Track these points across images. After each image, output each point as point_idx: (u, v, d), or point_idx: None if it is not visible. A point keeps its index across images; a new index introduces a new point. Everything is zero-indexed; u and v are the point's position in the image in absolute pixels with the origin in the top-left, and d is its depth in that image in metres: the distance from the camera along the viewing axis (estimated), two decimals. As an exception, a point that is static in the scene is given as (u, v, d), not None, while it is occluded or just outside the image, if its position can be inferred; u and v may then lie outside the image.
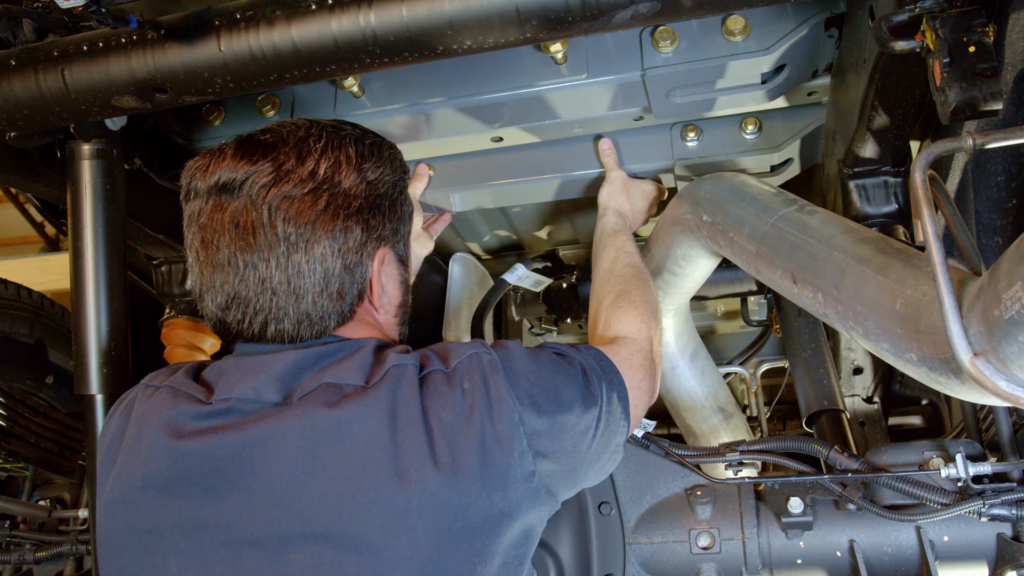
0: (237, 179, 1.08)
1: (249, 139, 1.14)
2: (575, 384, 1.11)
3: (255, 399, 1.04)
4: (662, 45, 1.55)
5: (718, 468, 1.61)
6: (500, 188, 1.91)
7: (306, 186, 1.08)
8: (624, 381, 1.22)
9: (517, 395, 1.03)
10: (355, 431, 0.99)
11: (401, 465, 0.97)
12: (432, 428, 0.99)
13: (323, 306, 1.09)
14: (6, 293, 2.13)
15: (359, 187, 1.12)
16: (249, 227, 1.07)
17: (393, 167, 1.19)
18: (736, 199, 1.53)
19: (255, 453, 1.00)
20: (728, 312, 2.73)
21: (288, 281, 1.07)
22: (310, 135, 1.13)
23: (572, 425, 1.08)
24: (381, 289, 1.16)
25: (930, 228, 0.95)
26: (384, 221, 1.15)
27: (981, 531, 1.40)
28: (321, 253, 1.08)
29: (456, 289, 2.29)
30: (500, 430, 1.00)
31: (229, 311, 1.10)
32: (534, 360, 1.10)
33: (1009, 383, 0.91)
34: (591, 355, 1.21)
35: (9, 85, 1.40)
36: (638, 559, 1.49)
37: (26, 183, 1.81)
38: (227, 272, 1.08)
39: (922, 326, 1.04)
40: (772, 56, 1.51)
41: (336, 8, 1.27)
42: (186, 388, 1.10)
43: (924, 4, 1.06)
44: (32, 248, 5.26)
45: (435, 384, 1.03)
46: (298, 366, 1.06)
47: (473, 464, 0.98)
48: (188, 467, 1.02)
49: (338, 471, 0.98)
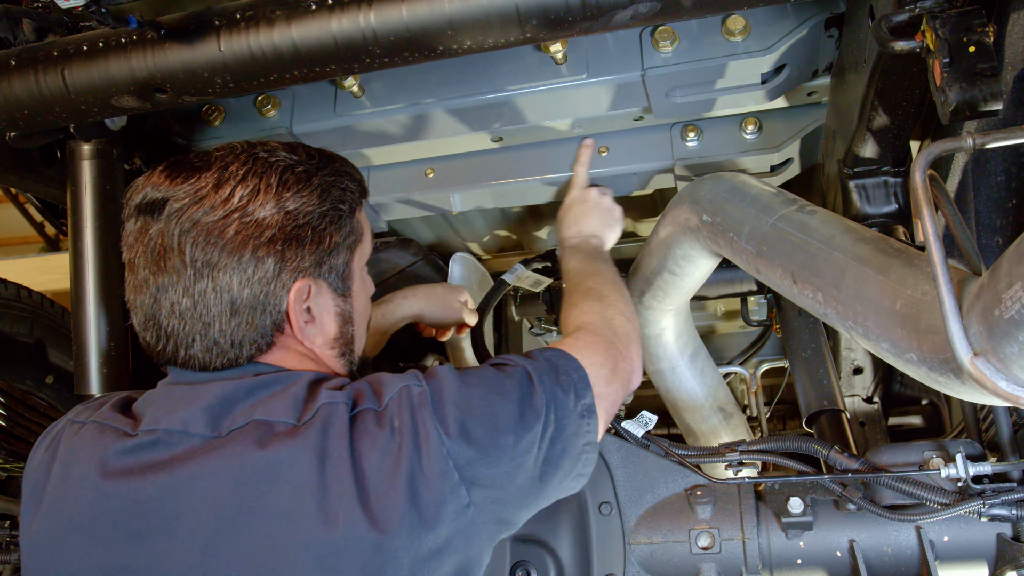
0: (157, 200, 1.07)
1: (180, 160, 1.12)
2: (512, 400, 1.07)
3: (182, 431, 1.03)
4: (662, 45, 1.55)
5: (718, 468, 1.61)
6: (500, 188, 1.91)
7: (217, 212, 1.05)
8: (584, 370, 1.17)
9: (445, 428, 1.00)
10: (284, 473, 0.97)
11: (329, 508, 0.95)
12: (361, 470, 0.97)
13: (232, 334, 1.07)
14: (6, 293, 2.13)
15: (275, 217, 1.07)
16: (161, 251, 1.06)
17: (324, 196, 1.13)
18: (736, 199, 1.53)
19: (181, 495, 0.98)
20: (728, 312, 2.73)
21: (195, 307, 1.06)
22: (236, 160, 1.10)
23: (511, 446, 1.04)
24: (306, 321, 1.12)
25: (930, 228, 0.95)
26: (303, 252, 1.09)
27: (981, 531, 1.40)
28: (227, 281, 1.05)
29: (456, 289, 2.28)
30: (428, 468, 0.98)
31: (147, 331, 1.10)
32: (465, 384, 1.07)
33: (1009, 383, 0.91)
34: (544, 355, 1.18)
35: (9, 85, 1.40)
36: (638, 559, 1.49)
37: (26, 183, 1.81)
38: (144, 293, 1.08)
39: (922, 326, 1.04)
40: (772, 56, 1.51)
41: (336, 8, 1.27)
42: (112, 422, 1.08)
43: (924, 4, 1.06)
44: (32, 248, 5.26)
45: (365, 424, 1.01)
46: (229, 398, 1.05)
47: (402, 506, 0.96)
48: (113, 509, 1.00)
49: (267, 515, 0.96)
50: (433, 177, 1.92)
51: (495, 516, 1.05)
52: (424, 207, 1.99)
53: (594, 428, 1.16)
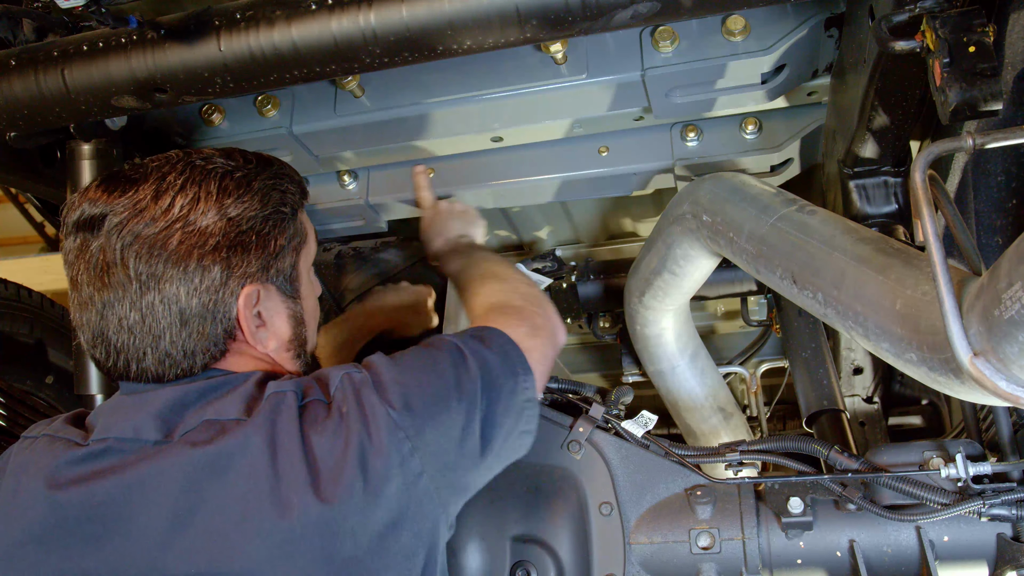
0: (96, 216, 1.06)
1: (115, 174, 1.11)
2: (447, 370, 1.10)
3: (134, 438, 1.02)
4: (662, 45, 1.55)
5: (718, 468, 1.61)
6: (500, 188, 1.91)
7: (158, 223, 1.05)
8: (505, 333, 1.20)
9: (389, 403, 1.02)
10: (235, 464, 0.97)
11: (282, 494, 0.96)
12: (312, 455, 0.98)
13: (183, 345, 1.07)
14: (6, 293, 2.13)
15: (217, 224, 1.07)
16: (104, 266, 1.05)
17: (265, 200, 1.13)
18: (736, 199, 1.53)
19: (133, 495, 0.98)
20: (728, 312, 2.73)
21: (143, 320, 1.05)
22: (173, 170, 1.10)
23: (454, 411, 1.07)
24: (257, 326, 1.12)
25: (930, 228, 0.95)
26: (249, 258, 1.10)
27: (981, 531, 1.40)
28: (174, 292, 1.05)
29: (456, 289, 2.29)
30: (377, 441, 0.99)
31: (96, 348, 1.09)
32: (400, 365, 1.10)
33: (1009, 383, 0.91)
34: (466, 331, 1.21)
35: (9, 85, 1.40)
36: (638, 559, 1.49)
37: (26, 183, 1.81)
38: (90, 311, 1.08)
39: (922, 326, 1.04)
40: (772, 56, 1.51)
41: (336, 8, 1.27)
42: (63, 434, 1.08)
43: (924, 4, 1.06)
44: (32, 248, 5.26)
45: (315, 413, 1.02)
46: (180, 402, 1.05)
47: (355, 483, 0.97)
48: (65, 517, 1.00)
49: (220, 506, 0.96)
50: (433, 177, 1.93)
51: (448, 481, 1.06)
52: (424, 207, 1.99)
53: (531, 384, 1.18)
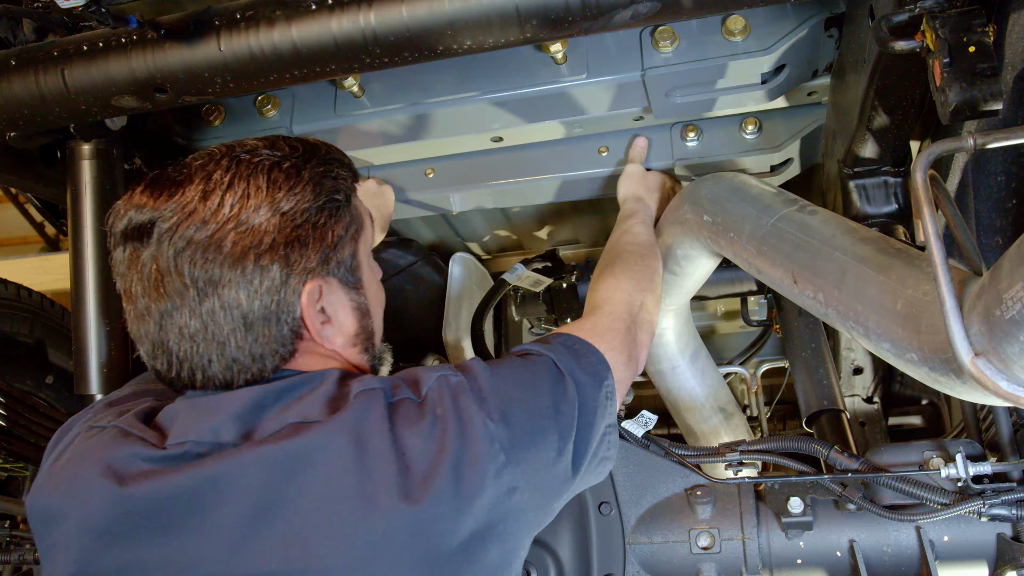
0: (144, 223, 1.02)
1: (159, 176, 1.07)
2: (545, 388, 1.08)
3: (213, 441, 0.98)
4: (662, 45, 1.55)
5: (718, 468, 1.61)
6: (500, 189, 1.91)
7: (209, 226, 1.00)
8: (602, 355, 1.18)
9: (488, 413, 0.99)
10: (320, 459, 0.94)
11: (370, 494, 0.92)
12: (403, 455, 0.95)
13: (250, 350, 1.02)
14: (6, 293, 2.13)
15: (271, 221, 1.02)
16: (158, 276, 1.01)
17: (317, 189, 1.07)
18: (737, 199, 1.53)
19: (207, 490, 0.94)
20: (728, 312, 2.73)
21: (205, 328, 1.01)
22: (218, 167, 1.04)
23: (550, 431, 1.05)
24: (323, 324, 1.08)
25: (931, 228, 0.95)
26: (308, 252, 1.04)
27: (981, 531, 1.40)
28: (235, 297, 1.00)
29: (456, 289, 2.29)
30: (474, 451, 0.96)
31: (157, 360, 1.05)
32: (497, 374, 1.07)
33: (1010, 383, 0.91)
34: (560, 341, 1.18)
35: (9, 85, 1.40)
36: (638, 559, 1.49)
37: (26, 183, 1.81)
38: (147, 321, 1.03)
39: (923, 326, 1.04)
40: (772, 56, 1.51)
41: (336, 8, 1.27)
42: (138, 431, 1.03)
43: (924, 4, 1.06)
44: (32, 248, 5.26)
45: (406, 412, 0.99)
46: (258, 403, 1.01)
47: (446, 489, 0.94)
48: (132, 509, 0.96)
49: (302, 504, 0.92)
50: (433, 177, 1.92)
51: (536, 503, 1.04)
52: (424, 207, 1.99)
53: (613, 410, 1.17)
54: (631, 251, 1.56)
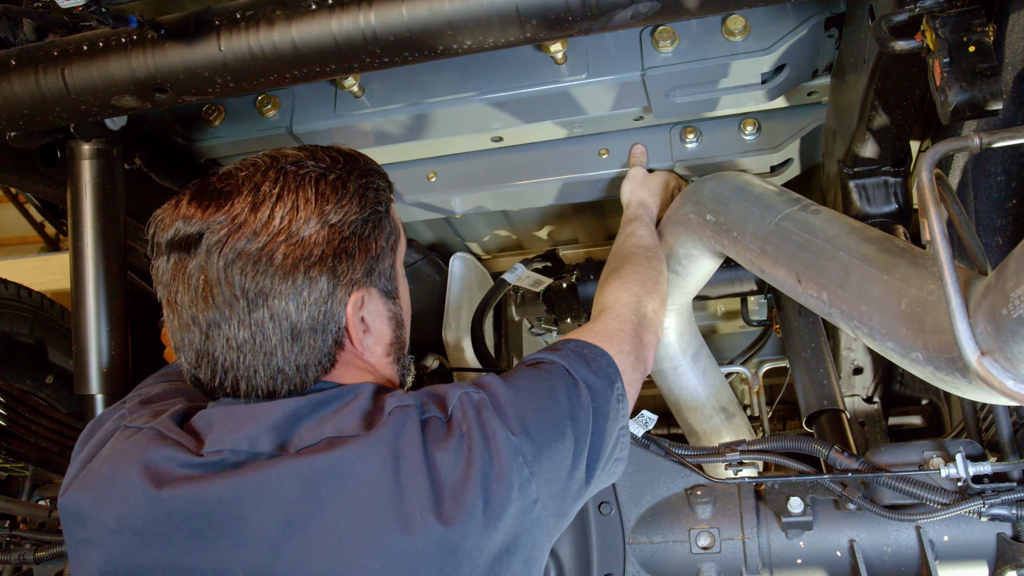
0: (192, 234, 1.03)
1: (205, 187, 1.07)
2: (560, 395, 1.10)
3: (249, 451, 1.00)
4: (662, 45, 1.55)
5: (718, 468, 1.61)
6: (501, 191, 1.91)
7: (260, 238, 1.01)
8: (611, 357, 1.21)
9: (509, 427, 1.02)
10: (357, 472, 0.95)
11: (405, 509, 0.94)
12: (435, 472, 0.97)
13: (296, 360, 1.04)
14: (6, 293, 2.13)
15: (320, 233, 1.04)
16: (207, 286, 1.02)
17: (363, 202, 1.09)
18: (739, 198, 1.53)
19: (246, 497, 0.96)
20: (728, 312, 2.73)
21: (253, 339, 1.02)
22: (267, 179, 1.05)
23: (567, 439, 1.07)
24: (363, 333, 1.10)
25: (937, 227, 0.95)
26: (354, 264, 1.07)
27: (981, 531, 1.40)
28: (284, 308, 1.02)
29: (456, 289, 2.29)
30: (499, 466, 0.99)
31: (200, 368, 1.06)
32: (512, 388, 1.09)
33: (1016, 382, 0.91)
34: (570, 347, 1.20)
35: (9, 85, 1.40)
36: (638, 559, 1.49)
37: (26, 183, 1.81)
38: (192, 331, 1.04)
39: (928, 325, 1.04)
40: (772, 56, 1.51)
41: (336, 8, 1.27)
42: (174, 435, 1.04)
43: (924, 4, 1.06)
44: (32, 248, 5.26)
45: (435, 429, 1.01)
46: (295, 415, 1.02)
47: (477, 505, 0.96)
48: (170, 511, 0.97)
49: (339, 514, 0.94)
50: (435, 181, 1.92)
51: (556, 510, 1.06)
52: (427, 209, 1.99)
53: (626, 412, 1.19)
54: (636, 254, 1.58)
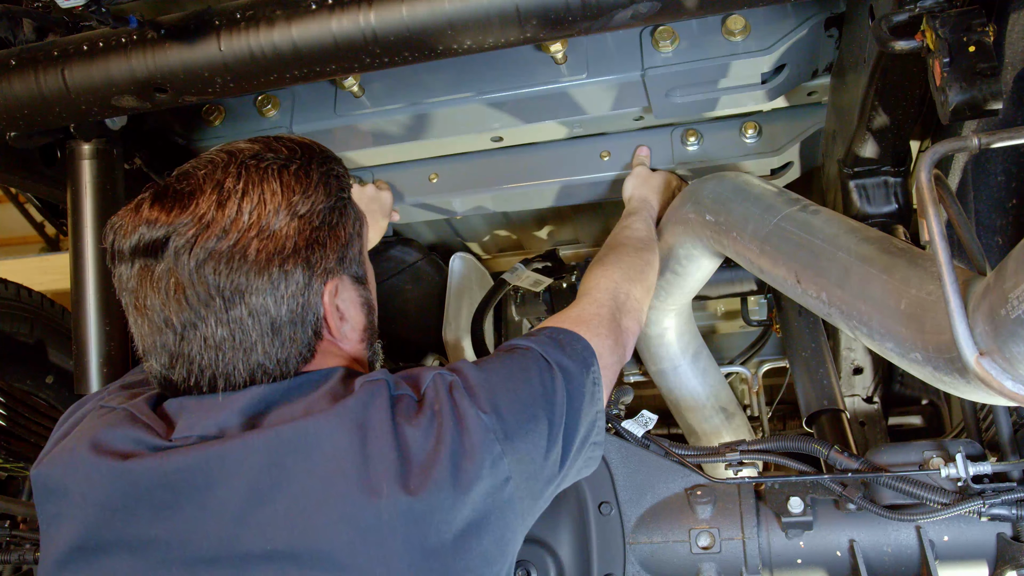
0: (158, 239, 1.01)
1: (165, 189, 1.05)
2: (532, 377, 1.10)
3: (217, 436, 0.99)
4: (662, 45, 1.56)
5: (718, 468, 1.61)
6: (501, 192, 1.91)
7: (230, 236, 1.00)
8: (587, 341, 1.21)
9: (480, 407, 1.02)
10: (323, 443, 0.95)
11: (371, 479, 0.93)
12: (403, 444, 0.96)
13: (276, 355, 1.03)
14: (6, 293, 2.13)
15: (291, 225, 1.03)
16: (179, 288, 1.00)
17: (327, 190, 1.09)
18: (739, 199, 1.53)
19: (212, 467, 0.95)
20: (728, 312, 2.73)
21: (233, 336, 1.01)
22: (227, 175, 1.04)
23: (540, 419, 1.07)
24: (339, 320, 1.10)
25: (936, 227, 0.95)
26: (326, 252, 1.07)
27: (981, 531, 1.40)
28: (262, 303, 1.01)
29: (456, 289, 2.29)
30: (469, 443, 0.99)
31: (174, 369, 1.04)
32: (484, 371, 1.09)
33: (1015, 382, 0.91)
34: (546, 333, 1.21)
35: (9, 85, 1.40)
36: (638, 559, 1.49)
37: (26, 183, 1.81)
38: (166, 333, 1.02)
39: (927, 326, 1.04)
40: (772, 56, 1.51)
41: (336, 8, 1.27)
42: (145, 417, 1.04)
43: (924, 4, 1.06)
44: (32, 248, 5.25)
45: (406, 406, 1.01)
46: (265, 399, 1.02)
47: (444, 478, 0.95)
48: (135, 482, 0.97)
49: (304, 484, 0.94)
50: (437, 182, 1.92)
51: (529, 491, 1.06)
52: (428, 210, 1.99)
53: (601, 395, 1.19)
54: (624, 244, 1.59)
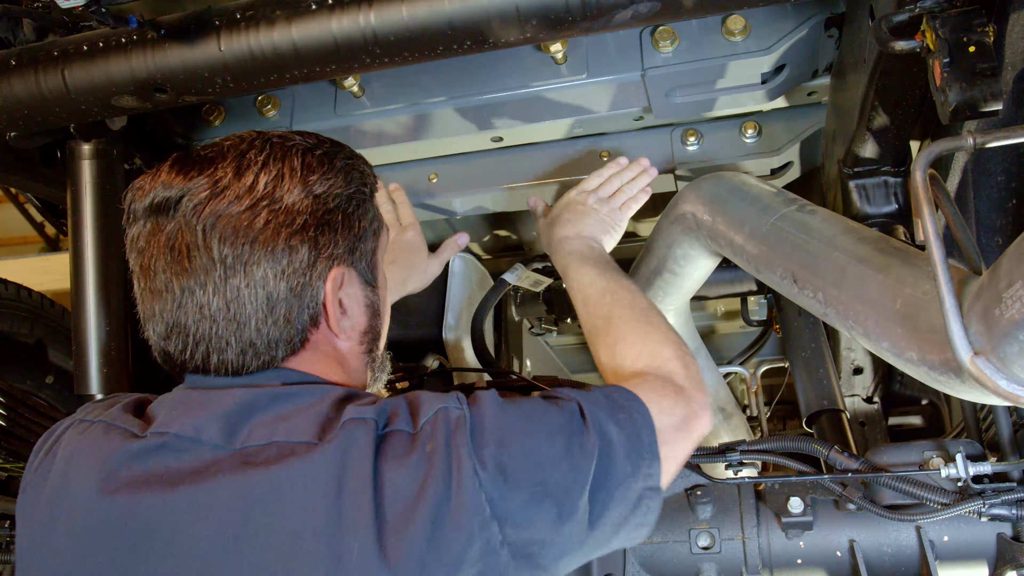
0: (172, 198, 0.99)
1: (188, 155, 1.04)
2: (559, 437, 0.97)
3: (193, 437, 0.95)
4: (662, 45, 1.56)
5: (718, 468, 1.61)
6: (501, 192, 1.91)
7: (243, 202, 0.98)
8: (648, 413, 1.06)
9: (480, 459, 0.91)
10: (295, 495, 0.89)
11: (342, 538, 0.87)
12: (382, 496, 0.89)
13: (269, 334, 1.00)
14: (6, 293, 2.13)
15: (304, 202, 1.01)
16: (184, 250, 0.98)
17: (348, 179, 1.07)
18: (736, 199, 1.53)
19: (182, 509, 0.91)
20: (728, 312, 2.73)
21: (228, 307, 0.98)
22: (252, 147, 1.03)
23: (554, 486, 0.94)
24: (340, 312, 1.05)
25: (930, 227, 0.95)
26: (336, 238, 1.04)
27: (981, 531, 1.40)
28: (262, 276, 0.98)
29: (456, 289, 2.29)
30: (457, 500, 0.89)
31: (170, 340, 1.01)
32: (508, 415, 0.97)
33: (1009, 382, 0.91)
34: (603, 391, 1.08)
35: (9, 85, 1.40)
36: (638, 559, 1.49)
37: (26, 183, 1.81)
38: (165, 299, 1.00)
39: (922, 325, 1.04)
40: (772, 56, 1.51)
41: (336, 8, 1.27)
42: (120, 423, 1.01)
43: (924, 4, 1.06)
44: (32, 248, 5.26)
45: (395, 445, 0.93)
46: (249, 405, 0.97)
47: (420, 542, 0.87)
48: (109, 519, 0.93)
49: (271, 539, 0.88)
50: (436, 182, 1.93)
51: (532, 562, 0.94)
52: (428, 210, 1.99)
53: (656, 472, 1.03)
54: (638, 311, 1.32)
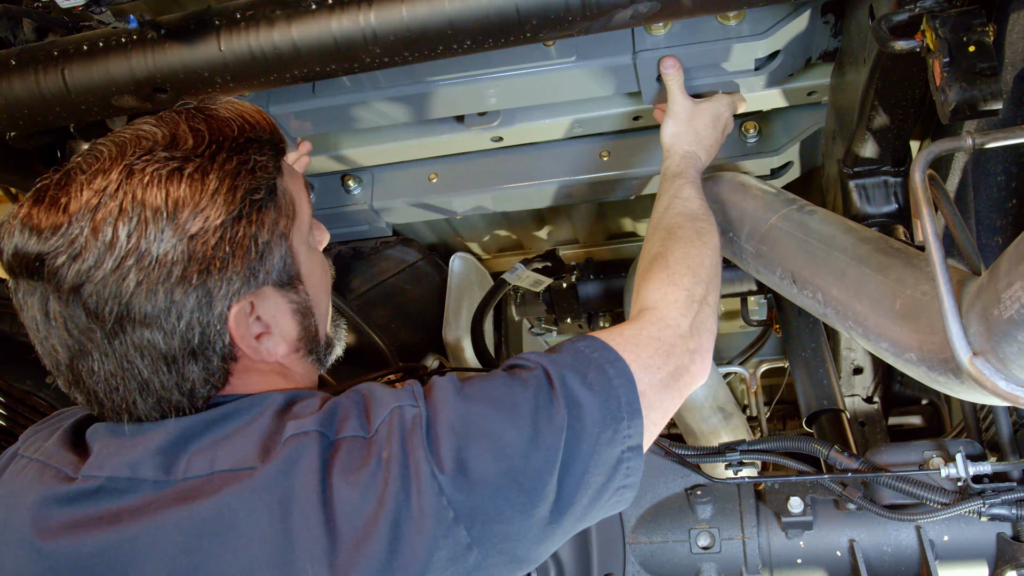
0: (31, 256, 0.88)
1: (42, 195, 0.91)
2: (524, 414, 0.91)
3: (129, 477, 0.89)
4: (654, 28, 1.52)
5: (718, 468, 1.61)
6: (501, 192, 1.90)
7: (105, 264, 0.85)
8: (629, 372, 0.99)
9: (439, 461, 0.85)
10: (241, 523, 0.83)
11: (296, 564, 0.82)
12: (333, 514, 0.83)
13: (179, 385, 0.91)
14: (6, 293, 2.13)
15: (178, 249, 0.87)
16: (58, 318, 0.89)
17: (231, 193, 0.90)
18: (736, 198, 1.53)
19: (126, 551, 0.85)
20: (728, 312, 2.73)
21: (122, 372, 0.90)
22: (108, 181, 0.88)
23: (521, 472, 0.88)
24: (261, 335, 0.96)
25: (930, 228, 0.95)
26: (227, 275, 0.90)
27: (981, 531, 1.40)
28: (148, 337, 0.88)
29: (456, 289, 2.29)
30: (417, 508, 0.84)
31: (78, 397, 0.95)
32: (466, 400, 0.92)
33: (1008, 382, 0.91)
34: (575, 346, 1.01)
35: (9, 85, 1.40)
36: (638, 559, 1.49)
37: (26, 183, 1.81)
38: (58, 361, 0.93)
39: (921, 326, 1.05)
40: (767, 41, 1.49)
41: (336, 8, 1.27)
42: (55, 462, 0.94)
43: (924, 4, 1.06)
44: (32, 248, 5.26)
45: (348, 454, 0.87)
46: (184, 435, 0.90)
47: (380, 555, 0.82)
48: (53, 567, 0.87)
49: (222, 571, 0.83)
50: (436, 182, 1.92)
51: (507, 555, 0.89)
52: (427, 209, 1.98)
53: (636, 431, 0.97)
54: (684, 227, 1.28)
